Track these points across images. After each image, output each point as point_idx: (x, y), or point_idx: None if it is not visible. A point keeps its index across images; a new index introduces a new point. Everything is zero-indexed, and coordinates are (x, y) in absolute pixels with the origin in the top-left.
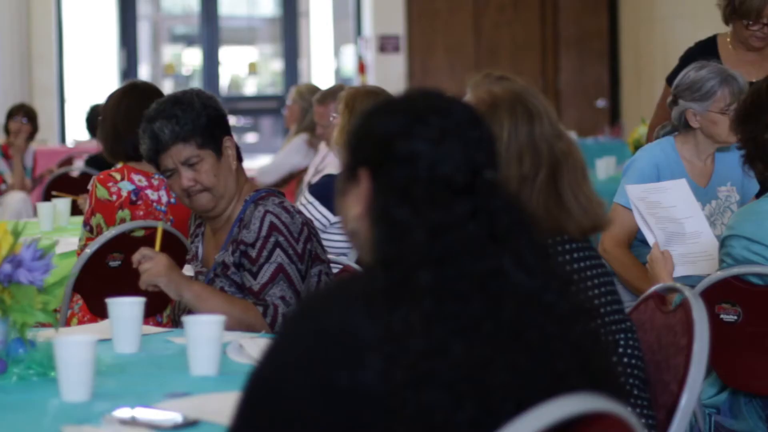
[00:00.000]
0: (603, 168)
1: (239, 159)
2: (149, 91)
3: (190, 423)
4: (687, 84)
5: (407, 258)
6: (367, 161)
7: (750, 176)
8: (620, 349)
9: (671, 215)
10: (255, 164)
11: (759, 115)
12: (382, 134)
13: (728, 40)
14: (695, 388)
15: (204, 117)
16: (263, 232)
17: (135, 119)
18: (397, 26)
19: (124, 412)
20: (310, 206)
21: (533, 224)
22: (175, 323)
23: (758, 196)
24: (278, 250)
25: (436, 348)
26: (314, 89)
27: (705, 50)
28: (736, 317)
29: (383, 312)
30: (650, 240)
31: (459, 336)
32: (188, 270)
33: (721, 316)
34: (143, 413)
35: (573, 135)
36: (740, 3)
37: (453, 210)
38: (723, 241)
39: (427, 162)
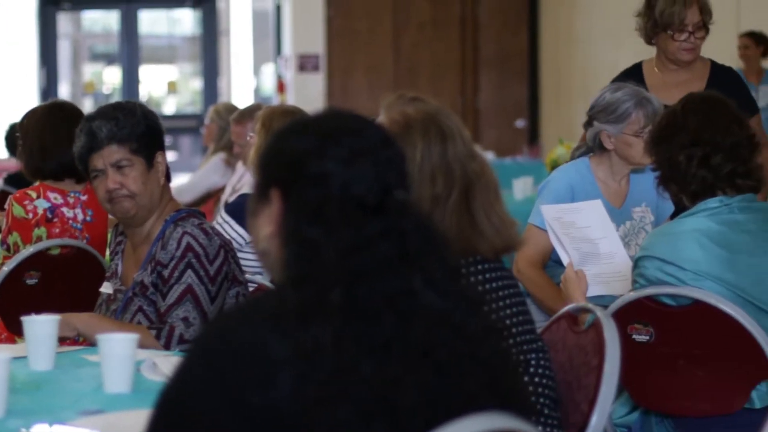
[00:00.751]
0: (520, 188)
1: (167, 178)
2: (75, 111)
3: None
4: (602, 106)
5: (318, 277)
6: (279, 181)
7: (664, 198)
8: (531, 369)
9: (586, 235)
10: (174, 183)
11: (673, 137)
12: (294, 154)
13: (653, 64)
14: (605, 407)
15: (143, 125)
16: (178, 253)
17: (61, 139)
18: (317, 45)
19: (40, 429)
20: (226, 225)
21: (445, 244)
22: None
23: (673, 217)
24: (189, 271)
25: (346, 366)
26: (232, 108)
27: (630, 77)
28: (648, 337)
29: (294, 330)
30: (564, 260)
31: (369, 355)
32: (107, 287)
33: (634, 336)
34: (60, 430)
35: (491, 155)
36: (661, 13)
37: (364, 230)
38: (636, 262)
39: (339, 182)
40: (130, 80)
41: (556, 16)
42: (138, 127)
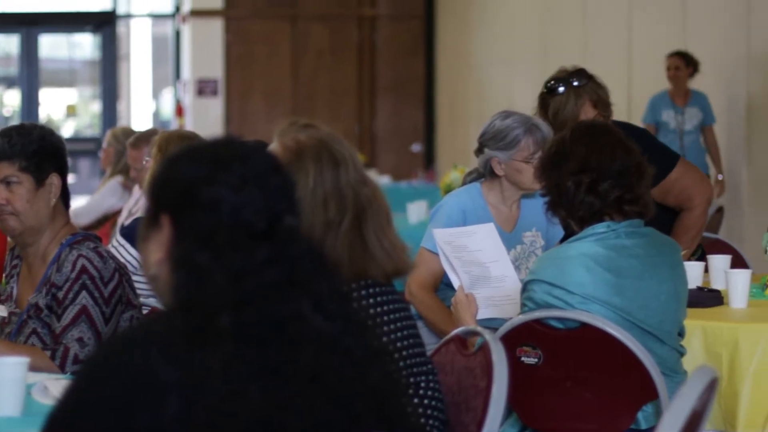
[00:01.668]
0: (415, 212)
1: (66, 203)
2: None
3: None
4: (492, 133)
5: (207, 302)
6: (169, 207)
7: (554, 223)
8: (421, 391)
9: (477, 259)
10: (71, 205)
11: (562, 164)
12: (184, 180)
13: None
14: (493, 429)
15: (35, 145)
16: (73, 275)
17: None
18: (216, 70)
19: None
20: (121, 248)
21: (334, 269)
22: None
23: (562, 241)
24: (84, 293)
25: (235, 391)
26: (129, 132)
27: None
28: (536, 360)
29: (183, 355)
30: (455, 283)
31: (258, 379)
32: (2, 310)
33: (522, 358)
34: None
35: (387, 179)
36: (554, 114)
37: (253, 256)
38: (525, 286)
39: (229, 208)
40: (30, 103)
41: (452, 43)
42: (30, 146)
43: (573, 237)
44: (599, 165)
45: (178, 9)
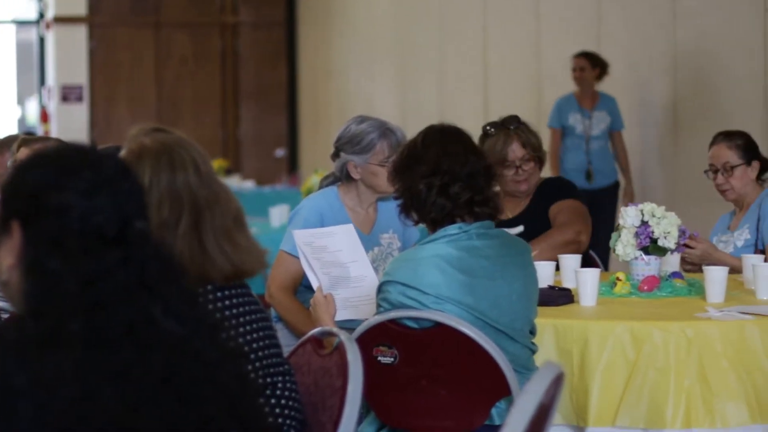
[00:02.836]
0: (277, 216)
1: None
2: None
3: None
4: (348, 137)
5: (58, 307)
6: (18, 213)
7: (407, 225)
8: (278, 392)
9: (337, 259)
10: None
11: (414, 167)
12: (33, 187)
13: None
14: (349, 427)
15: None
16: None
17: None
18: (80, 77)
19: None
20: None
21: (184, 272)
22: None
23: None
24: None
25: (87, 395)
26: None
27: None
28: (392, 359)
29: (34, 360)
30: (314, 284)
31: (110, 383)
32: None
33: (379, 358)
34: None
35: (251, 184)
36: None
37: (104, 260)
38: (380, 287)
39: (78, 214)
40: None
41: (314, 50)
42: None
43: (425, 239)
44: (450, 168)
45: (42, 15)
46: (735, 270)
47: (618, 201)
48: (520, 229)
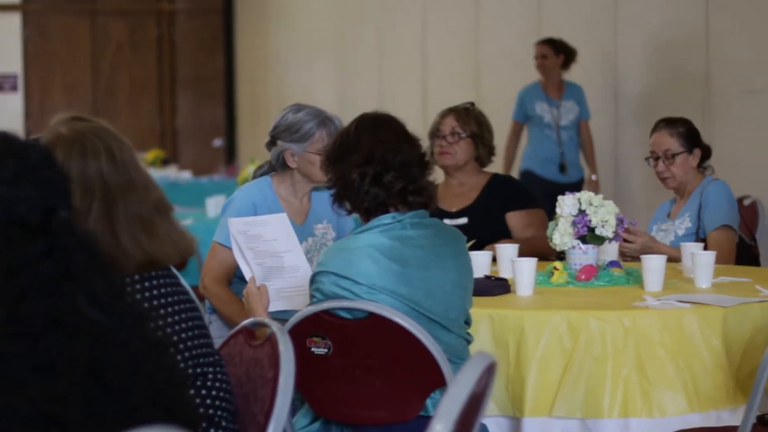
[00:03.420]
0: (213, 206)
1: None
2: None
3: None
4: (285, 125)
5: None
6: None
7: (340, 214)
8: (209, 382)
9: (271, 249)
10: None
11: (347, 156)
12: None
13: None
14: (281, 418)
15: None
16: None
17: None
18: (15, 65)
19: None
20: None
21: (109, 261)
22: None
23: None
24: None
25: (12, 385)
26: None
27: None
28: (326, 350)
29: None
30: (247, 275)
31: (35, 373)
32: None
33: (312, 349)
34: None
35: (188, 174)
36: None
37: (28, 250)
38: (313, 277)
39: (2, 204)
40: None
41: (251, 39)
42: None
43: (359, 228)
44: (383, 157)
45: None
46: (674, 259)
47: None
48: (463, 220)
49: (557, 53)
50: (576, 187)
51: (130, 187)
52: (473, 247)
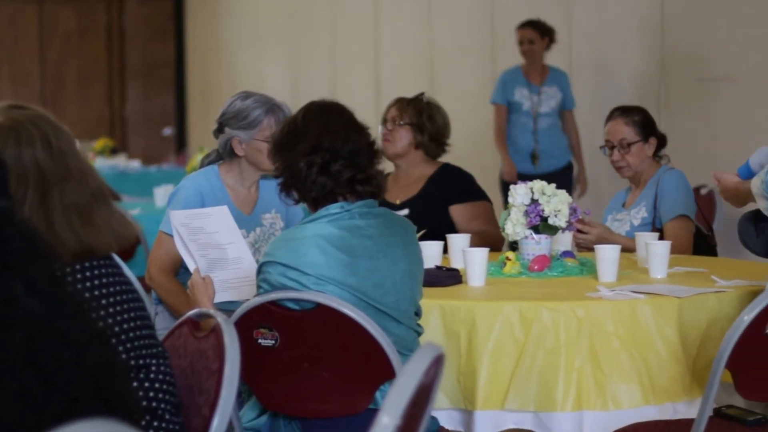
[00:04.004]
0: (161, 196)
1: None
2: None
3: None
4: (233, 113)
5: None
6: None
7: (288, 204)
8: (152, 375)
9: (215, 241)
10: None
11: (294, 144)
12: None
13: None
14: (226, 410)
15: None
16: None
17: None
18: None
19: None
20: None
21: (49, 250)
22: None
23: None
24: None
25: None
26: None
27: None
28: (273, 342)
29: None
30: (191, 266)
31: None
32: None
33: (259, 340)
34: None
35: (137, 163)
36: None
37: None
38: (260, 268)
39: None
40: None
41: (202, 26)
42: None
43: (307, 218)
44: (332, 145)
45: None
46: (630, 249)
47: (572, 184)
48: (405, 212)
49: (543, 36)
50: (547, 178)
51: (66, 175)
52: (423, 237)
